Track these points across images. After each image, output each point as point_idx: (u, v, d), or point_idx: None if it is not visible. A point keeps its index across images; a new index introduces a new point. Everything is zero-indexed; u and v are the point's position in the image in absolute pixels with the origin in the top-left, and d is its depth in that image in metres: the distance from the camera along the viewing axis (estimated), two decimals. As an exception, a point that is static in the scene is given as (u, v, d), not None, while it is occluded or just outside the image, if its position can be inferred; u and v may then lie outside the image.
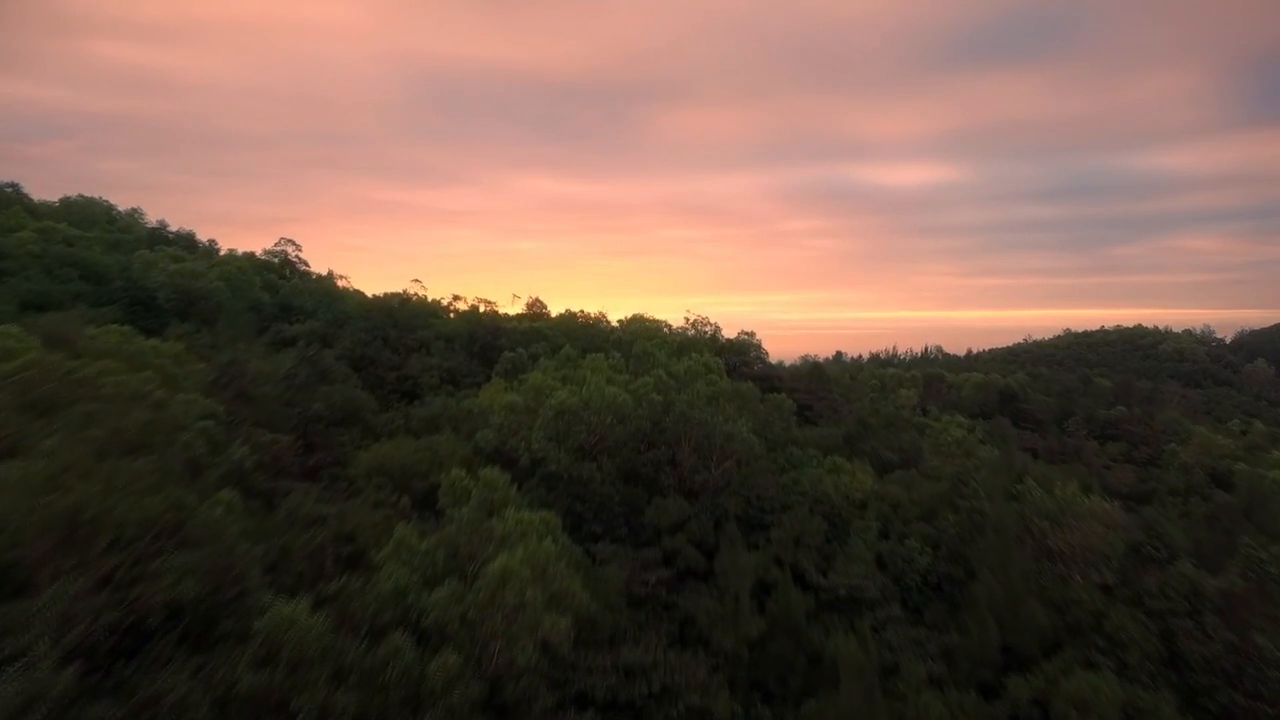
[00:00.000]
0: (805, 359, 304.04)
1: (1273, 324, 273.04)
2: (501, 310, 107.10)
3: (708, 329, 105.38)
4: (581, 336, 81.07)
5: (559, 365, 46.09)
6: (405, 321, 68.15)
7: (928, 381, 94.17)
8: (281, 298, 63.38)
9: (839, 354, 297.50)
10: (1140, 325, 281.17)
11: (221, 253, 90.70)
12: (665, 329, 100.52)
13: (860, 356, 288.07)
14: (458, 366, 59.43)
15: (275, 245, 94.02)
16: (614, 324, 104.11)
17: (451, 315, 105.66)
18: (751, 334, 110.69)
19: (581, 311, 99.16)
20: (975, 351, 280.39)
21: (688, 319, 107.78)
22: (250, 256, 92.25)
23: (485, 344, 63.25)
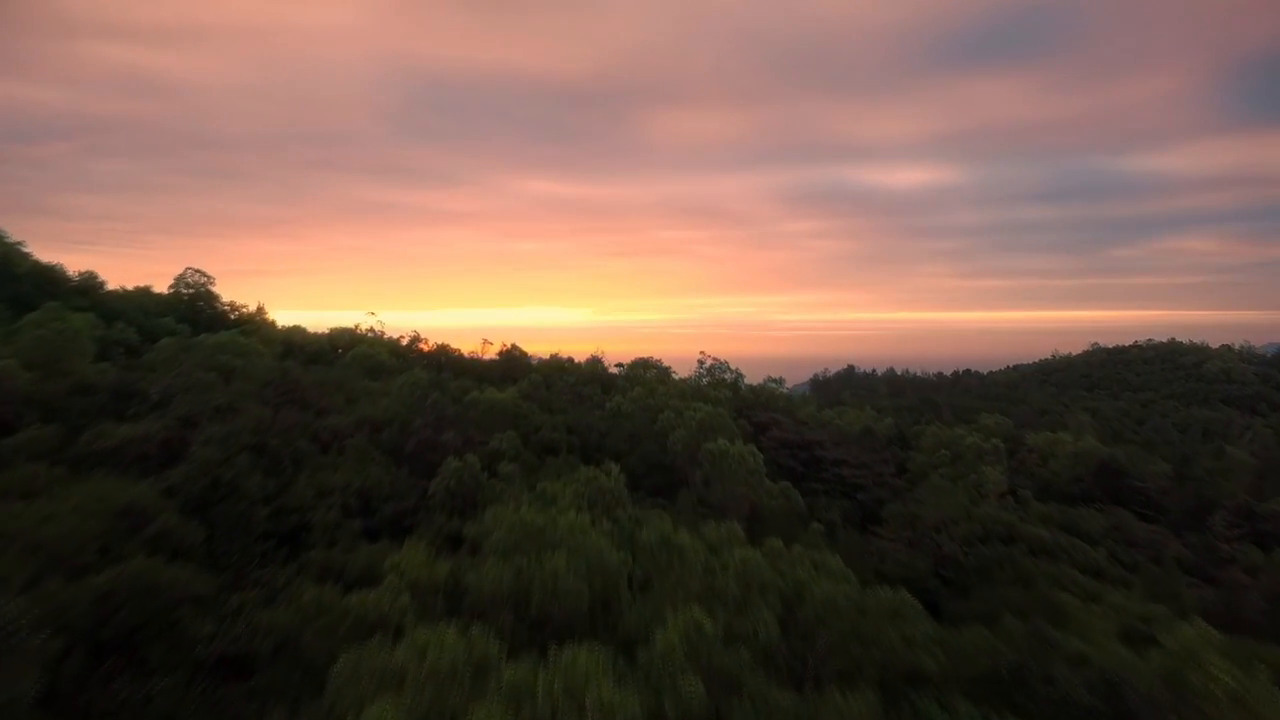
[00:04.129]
0: (816, 377, 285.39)
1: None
2: (470, 353, 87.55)
3: (727, 375, 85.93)
4: (567, 405, 61.32)
5: (511, 541, 26.34)
6: (315, 398, 48.37)
7: (1011, 448, 74.45)
8: (121, 376, 43.39)
9: (851, 367, 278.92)
10: (1175, 340, 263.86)
11: (109, 289, 70.84)
12: (677, 377, 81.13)
13: (874, 371, 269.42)
14: (376, 484, 39.59)
15: (181, 277, 74.45)
16: (612, 370, 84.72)
17: (411, 354, 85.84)
18: (779, 380, 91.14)
19: (570, 359, 79.51)
20: (1003, 368, 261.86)
21: (701, 361, 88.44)
22: (145, 292, 72.53)
23: (424, 442, 43.40)
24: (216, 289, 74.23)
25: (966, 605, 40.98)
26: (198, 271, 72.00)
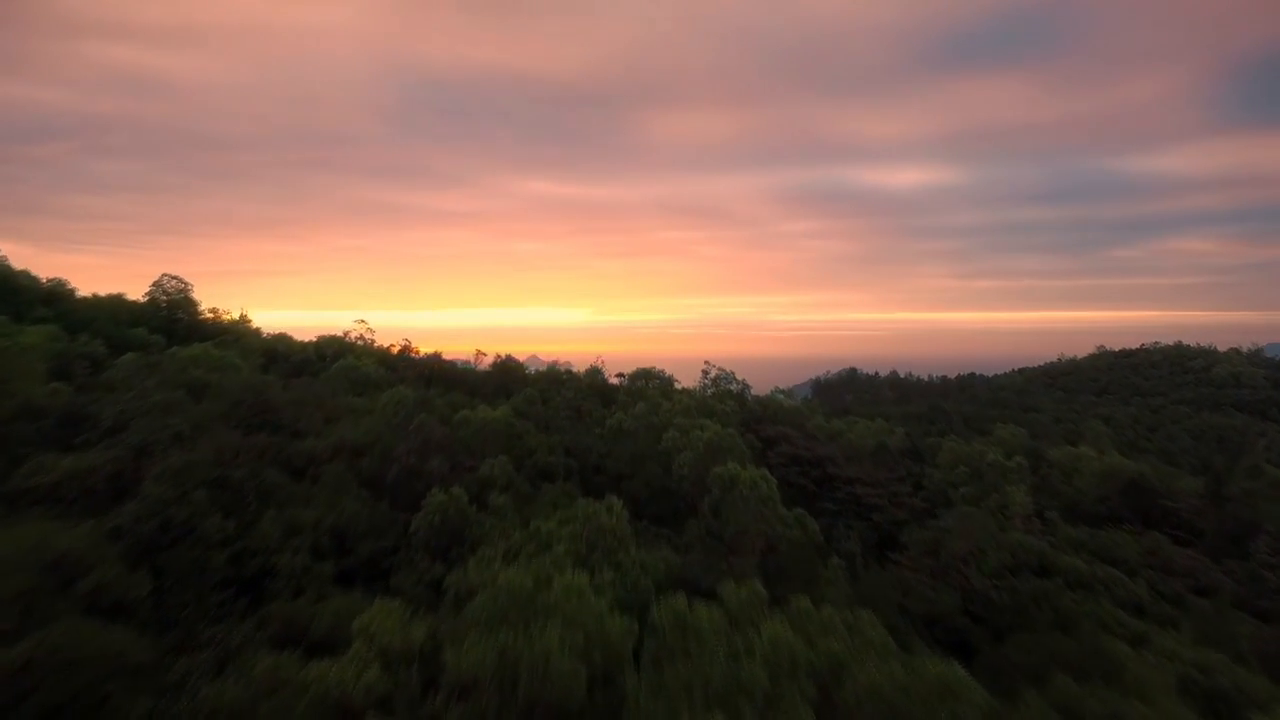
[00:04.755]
0: (818, 379, 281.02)
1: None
2: (463, 361, 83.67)
3: (733, 386, 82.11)
4: (565, 423, 57.39)
5: (496, 609, 22.50)
6: (290, 418, 44.49)
7: (1032, 464, 70.59)
8: (73, 398, 39.32)
9: (853, 370, 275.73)
10: (1181, 343, 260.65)
11: (79, 296, 66.90)
12: (681, 389, 77.33)
13: (876, 373, 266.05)
14: (352, 520, 35.70)
15: (158, 283, 70.46)
16: (613, 380, 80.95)
17: (401, 364, 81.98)
18: (786, 392, 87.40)
19: (567, 370, 75.60)
20: (1008, 371, 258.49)
21: (705, 371, 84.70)
22: (118, 300, 68.61)
23: (408, 469, 39.51)
24: (207, 293, 70.56)
25: (1005, 654, 37.14)
26: (174, 278, 68.01)
